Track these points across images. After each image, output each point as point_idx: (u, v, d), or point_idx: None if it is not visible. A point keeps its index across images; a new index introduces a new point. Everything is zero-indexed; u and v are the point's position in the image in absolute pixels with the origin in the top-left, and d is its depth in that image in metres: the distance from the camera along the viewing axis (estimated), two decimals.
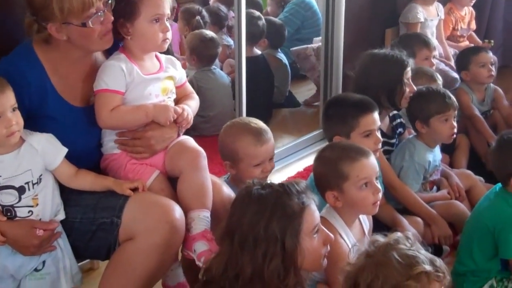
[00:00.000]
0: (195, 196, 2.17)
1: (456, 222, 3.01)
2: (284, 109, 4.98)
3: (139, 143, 2.19)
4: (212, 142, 3.92)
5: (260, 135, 2.47)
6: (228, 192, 2.31)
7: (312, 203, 1.85)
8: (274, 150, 2.55)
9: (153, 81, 2.21)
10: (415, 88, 3.05)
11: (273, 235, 1.73)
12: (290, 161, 4.01)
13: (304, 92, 5.22)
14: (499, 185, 2.60)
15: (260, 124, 2.54)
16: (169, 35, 2.21)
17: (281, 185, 1.84)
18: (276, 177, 3.48)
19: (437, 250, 2.91)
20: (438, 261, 1.69)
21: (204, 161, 2.22)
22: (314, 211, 1.85)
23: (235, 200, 1.87)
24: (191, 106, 2.38)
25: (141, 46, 2.18)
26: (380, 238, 1.75)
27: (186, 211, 2.14)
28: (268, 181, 1.88)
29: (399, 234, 1.76)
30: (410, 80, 3.04)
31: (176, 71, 2.33)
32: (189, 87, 2.48)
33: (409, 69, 3.04)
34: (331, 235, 1.91)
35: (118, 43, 2.23)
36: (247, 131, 2.49)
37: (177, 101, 2.35)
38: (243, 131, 2.50)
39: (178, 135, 2.27)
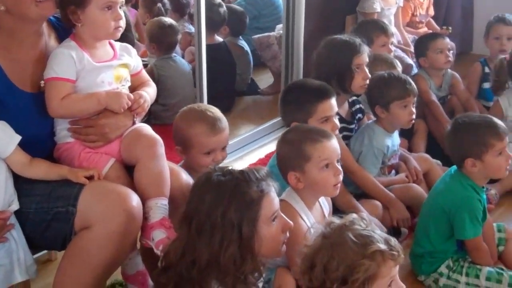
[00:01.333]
0: (152, 184, 2.15)
1: (414, 205, 3.05)
2: (246, 97, 4.98)
3: (92, 131, 2.16)
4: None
5: (214, 124, 2.45)
6: (187, 178, 2.31)
7: (272, 190, 1.86)
8: (227, 140, 2.53)
9: (105, 68, 2.18)
10: (369, 75, 3.06)
11: (230, 222, 1.73)
12: (252, 148, 4.03)
13: (266, 79, 5.22)
14: (455, 167, 2.65)
15: (217, 113, 2.52)
16: (122, 23, 2.18)
17: (241, 172, 1.83)
18: (238, 164, 3.50)
19: (395, 233, 2.95)
20: (393, 241, 1.73)
21: (161, 149, 2.20)
22: (273, 199, 1.85)
23: (194, 185, 1.87)
24: (148, 93, 2.35)
25: (92, 34, 2.15)
26: (336, 220, 1.78)
27: (143, 200, 2.12)
28: (229, 167, 1.87)
29: (354, 215, 1.79)
30: (364, 67, 3.05)
31: (131, 59, 2.31)
32: (145, 75, 2.46)
33: (361, 56, 3.04)
34: (290, 222, 1.91)
35: (71, 31, 2.20)
36: (202, 118, 2.47)
37: (133, 89, 2.32)
38: (199, 118, 2.48)
39: (134, 123, 2.24)
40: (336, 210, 2.74)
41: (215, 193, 1.76)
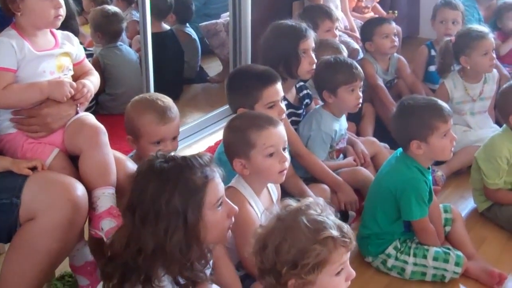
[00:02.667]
0: (98, 174, 2.13)
1: (362, 188, 3.08)
2: (195, 85, 4.96)
3: (35, 121, 2.13)
4: (121, 120, 3.88)
5: (164, 113, 2.43)
6: (133, 167, 2.28)
7: (217, 176, 1.84)
8: (177, 130, 2.52)
9: (47, 57, 2.14)
10: (315, 59, 3.08)
11: (175, 209, 1.71)
12: (201, 136, 4.02)
13: (215, 67, 5.21)
14: (400, 150, 2.69)
15: (168, 102, 2.49)
16: (62, 11, 2.16)
17: (184, 158, 1.82)
18: (187, 152, 3.45)
19: (343, 216, 2.99)
20: (346, 228, 1.74)
21: (105, 137, 2.18)
22: (217, 184, 1.84)
23: (137, 173, 1.84)
24: (92, 82, 2.32)
25: (32, 23, 2.12)
26: (293, 203, 1.79)
27: (90, 190, 2.11)
28: (172, 154, 1.85)
29: (311, 199, 1.80)
30: (310, 52, 3.06)
31: (73, 47, 2.27)
32: (88, 64, 2.43)
33: (307, 41, 3.05)
34: (235, 207, 1.91)
35: (11, 19, 2.15)
36: (152, 108, 2.45)
37: (76, 79, 2.29)
38: (148, 107, 2.46)
39: (77, 112, 2.21)
40: (286, 194, 2.76)
41: (158, 180, 1.73)
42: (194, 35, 4.93)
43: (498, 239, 2.94)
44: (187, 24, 4.94)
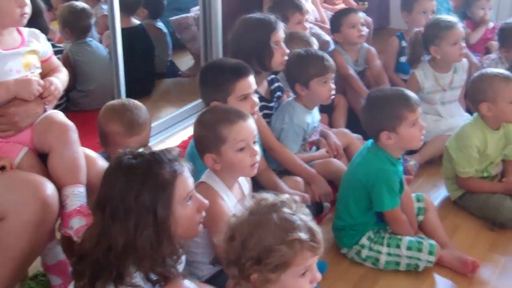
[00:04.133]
0: (67, 172, 2.12)
1: (335, 179, 3.09)
2: (167, 80, 4.93)
3: (2, 120, 2.11)
4: (93, 117, 3.83)
5: (132, 126, 2.44)
6: (103, 164, 2.27)
7: (185, 170, 1.84)
8: (147, 140, 2.53)
9: (13, 56, 2.13)
10: (287, 50, 3.08)
11: (144, 205, 1.71)
12: (174, 131, 4.00)
13: (187, 61, 5.19)
14: (371, 141, 2.70)
15: (138, 113, 2.48)
16: (28, 9, 2.14)
17: (152, 153, 1.81)
18: (161, 147, 3.45)
19: (318, 208, 3.00)
20: (318, 232, 1.72)
21: (74, 135, 2.17)
22: (187, 178, 1.83)
23: (106, 170, 1.83)
24: (60, 80, 2.30)
25: None
26: (269, 197, 1.77)
27: (60, 188, 2.10)
28: (140, 150, 1.84)
29: (287, 196, 1.79)
30: (282, 43, 3.07)
31: (40, 44, 2.26)
32: (56, 60, 2.41)
33: (278, 32, 3.05)
34: (205, 201, 1.91)
35: None
36: (120, 118, 2.45)
37: (44, 76, 2.28)
38: (117, 117, 2.47)
39: (45, 110, 2.20)
40: (260, 188, 2.77)
41: (127, 176, 1.73)
42: (164, 29, 4.90)
43: (471, 227, 2.96)
44: (158, 19, 4.90)
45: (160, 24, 4.89)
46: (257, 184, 2.73)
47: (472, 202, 3.03)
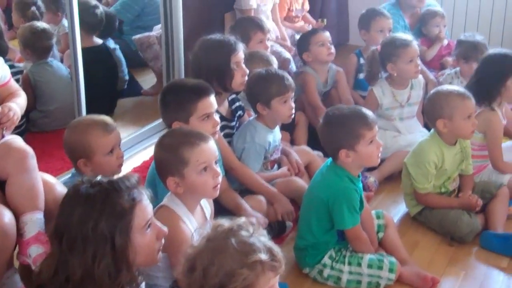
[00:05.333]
0: (25, 199, 2.11)
1: (297, 198, 3.11)
2: (129, 98, 4.89)
3: None
4: (54, 137, 3.84)
5: (106, 124, 2.55)
6: (62, 191, 2.26)
7: (144, 198, 1.83)
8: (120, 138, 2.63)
9: None
10: (247, 71, 3.10)
11: (102, 234, 1.70)
12: (137, 150, 3.97)
13: (150, 79, 5.15)
14: (331, 159, 2.72)
15: (102, 116, 2.60)
16: None
17: (110, 182, 1.80)
18: (123, 167, 3.43)
19: (281, 227, 3.02)
20: (276, 251, 1.72)
21: (33, 161, 2.16)
22: (146, 206, 1.83)
23: (63, 199, 1.81)
24: (18, 104, 2.29)
25: None
26: (225, 223, 1.76)
27: (17, 215, 2.07)
28: (98, 178, 1.83)
29: (243, 219, 1.78)
30: (242, 64, 3.09)
31: None
32: (14, 84, 2.40)
33: (238, 54, 3.09)
34: (165, 229, 1.90)
35: None
36: (93, 123, 2.56)
37: (2, 100, 2.26)
38: (90, 124, 2.56)
39: (3, 136, 2.18)
40: (222, 208, 2.78)
41: (85, 205, 1.72)
42: (113, 45, 4.85)
43: (431, 242, 3.01)
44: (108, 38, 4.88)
45: (110, 42, 4.86)
46: (219, 205, 2.73)
47: (431, 218, 3.08)
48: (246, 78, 3.14)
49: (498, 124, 3.26)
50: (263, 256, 1.68)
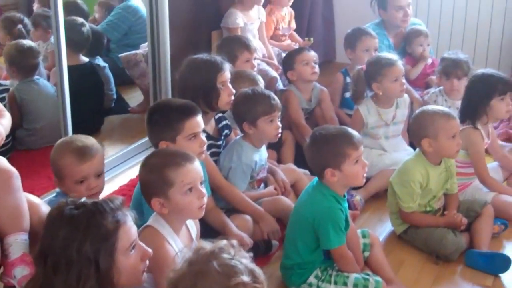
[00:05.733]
0: (10, 220, 2.11)
1: (283, 217, 3.12)
2: (116, 116, 4.90)
3: None
4: (40, 155, 3.83)
5: (83, 152, 2.51)
6: (46, 210, 2.25)
7: (129, 219, 1.83)
8: (101, 167, 2.64)
9: None
10: (233, 90, 3.12)
11: (86, 256, 1.70)
12: (123, 168, 3.97)
13: (137, 97, 5.17)
14: (317, 178, 2.74)
15: (87, 142, 2.59)
16: None
17: (95, 203, 1.80)
18: (108, 186, 3.43)
19: (267, 246, 3.02)
20: (258, 273, 1.71)
21: (17, 181, 2.16)
22: (130, 228, 1.83)
23: (46, 220, 1.81)
24: (3, 125, 2.29)
25: None
26: (206, 246, 1.75)
27: (2, 236, 2.07)
28: (82, 200, 1.83)
29: (224, 242, 1.77)
30: (228, 84, 3.11)
31: None
32: None
33: (224, 73, 3.10)
34: (149, 250, 1.90)
35: None
36: (70, 148, 2.53)
37: None
38: (66, 148, 2.54)
39: None
40: (206, 228, 2.77)
41: (69, 227, 1.72)
42: (102, 63, 4.86)
43: (416, 261, 3.02)
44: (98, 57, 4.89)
45: (99, 60, 4.87)
46: (205, 224, 2.73)
47: (416, 236, 3.09)
48: (233, 97, 3.15)
49: (479, 139, 3.33)
50: (246, 278, 1.67)
